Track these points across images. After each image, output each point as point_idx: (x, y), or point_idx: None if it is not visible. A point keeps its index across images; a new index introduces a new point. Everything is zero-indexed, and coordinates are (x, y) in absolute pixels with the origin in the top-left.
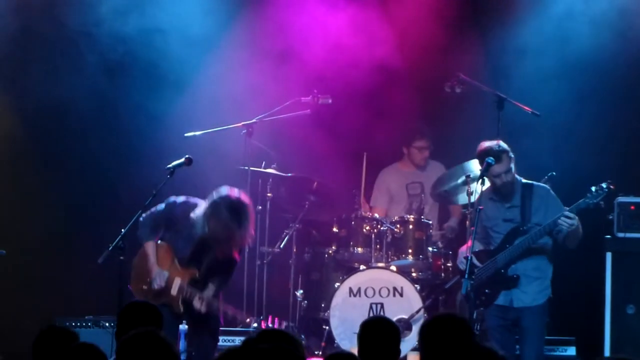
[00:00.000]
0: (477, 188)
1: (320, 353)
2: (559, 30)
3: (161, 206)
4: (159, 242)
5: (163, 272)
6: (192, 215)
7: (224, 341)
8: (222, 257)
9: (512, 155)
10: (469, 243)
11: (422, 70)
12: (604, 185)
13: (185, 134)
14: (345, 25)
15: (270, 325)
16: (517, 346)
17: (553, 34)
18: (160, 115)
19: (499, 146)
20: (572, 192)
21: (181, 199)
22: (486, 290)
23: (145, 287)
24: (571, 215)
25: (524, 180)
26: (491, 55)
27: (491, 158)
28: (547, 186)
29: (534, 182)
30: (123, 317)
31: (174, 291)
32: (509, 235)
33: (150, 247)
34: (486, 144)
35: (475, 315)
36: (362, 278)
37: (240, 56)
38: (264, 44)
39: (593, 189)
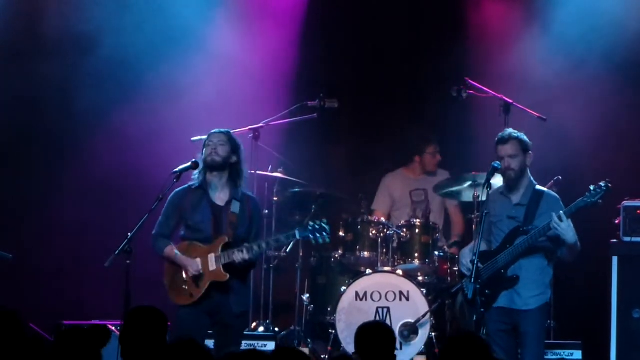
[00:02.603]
0: (483, 193)
1: (327, 357)
2: (565, 33)
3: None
4: (180, 243)
5: (192, 259)
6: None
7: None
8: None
9: (528, 150)
10: (471, 244)
11: (427, 73)
12: (602, 184)
13: (192, 138)
14: (348, 26)
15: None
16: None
17: (559, 36)
18: (166, 118)
19: (514, 132)
20: (579, 196)
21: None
22: (486, 291)
23: (185, 286)
24: (563, 218)
25: (538, 187)
26: (497, 59)
27: (497, 162)
28: (557, 196)
29: (547, 190)
30: (129, 322)
31: (212, 266)
32: (510, 234)
33: (168, 251)
34: (506, 130)
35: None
36: (368, 282)
37: (245, 59)
38: (268, 46)
39: (592, 187)
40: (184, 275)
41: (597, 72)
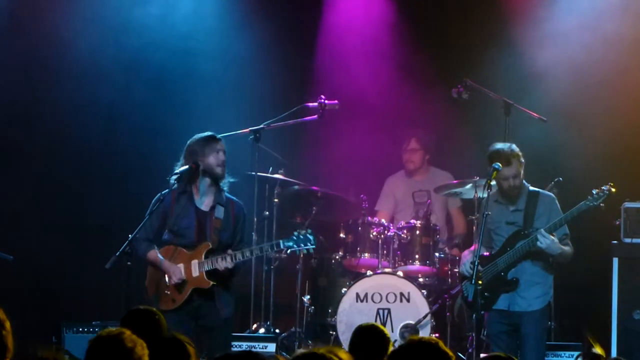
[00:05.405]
0: (484, 193)
1: None
2: (567, 33)
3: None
4: (163, 247)
5: (176, 265)
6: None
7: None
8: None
9: (523, 161)
10: (472, 247)
11: (428, 75)
12: (604, 187)
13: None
14: (351, 28)
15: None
16: None
17: (560, 37)
18: (167, 121)
19: (511, 149)
20: (579, 197)
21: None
22: (486, 294)
23: (168, 291)
24: (545, 234)
25: (531, 188)
26: (499, 60)
27: (498, 164)
28: (552, 195)
29: (541, 190)
30: (125, 324)
31: (195, 273)
32: (511, 238)
33: (152, 256)
34: (498, 145)
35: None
36: (369, 284)
37: (246, 60)
38: (271, 48)
39: (594, 191)
40: (167, 280)
41: (599, 74)
